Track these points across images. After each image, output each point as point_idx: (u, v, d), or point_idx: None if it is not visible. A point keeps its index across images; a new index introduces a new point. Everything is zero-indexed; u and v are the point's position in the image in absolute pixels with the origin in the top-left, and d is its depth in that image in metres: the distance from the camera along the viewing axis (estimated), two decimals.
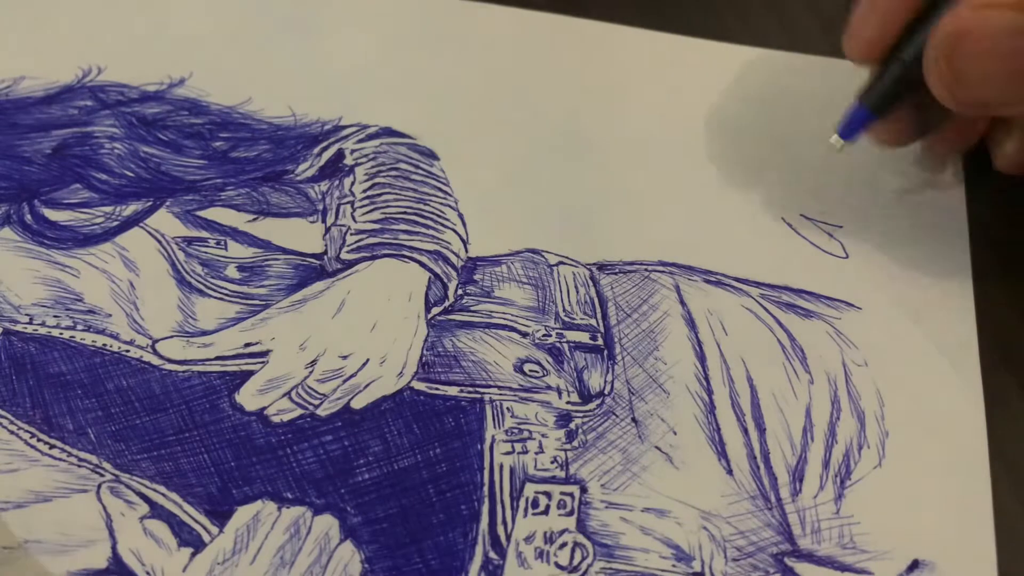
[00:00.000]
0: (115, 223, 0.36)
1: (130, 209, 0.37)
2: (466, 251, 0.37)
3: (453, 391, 0.33)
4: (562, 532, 0.30)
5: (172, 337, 0.33)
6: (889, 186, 0.39)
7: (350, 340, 0.34)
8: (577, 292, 0.36)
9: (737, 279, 0.36)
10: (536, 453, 0.32)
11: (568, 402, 0.33)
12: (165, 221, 0.36)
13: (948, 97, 0.33)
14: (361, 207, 0.37)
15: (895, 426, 0.33)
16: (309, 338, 0.34)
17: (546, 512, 0.31)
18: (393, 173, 0.38)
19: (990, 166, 0.40)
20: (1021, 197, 0.39)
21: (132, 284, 0.35)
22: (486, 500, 0.31)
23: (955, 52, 0.31)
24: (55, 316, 0.34)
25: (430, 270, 0.36)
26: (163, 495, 0.30)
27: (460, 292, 0.35)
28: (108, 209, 0.36)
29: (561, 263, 0.37)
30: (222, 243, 0.36)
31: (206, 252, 0.36)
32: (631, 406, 0.33)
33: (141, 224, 0.36)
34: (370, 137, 0.39)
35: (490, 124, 0.40)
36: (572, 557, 0.30)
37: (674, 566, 0.30)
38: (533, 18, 0.44)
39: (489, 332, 0.34)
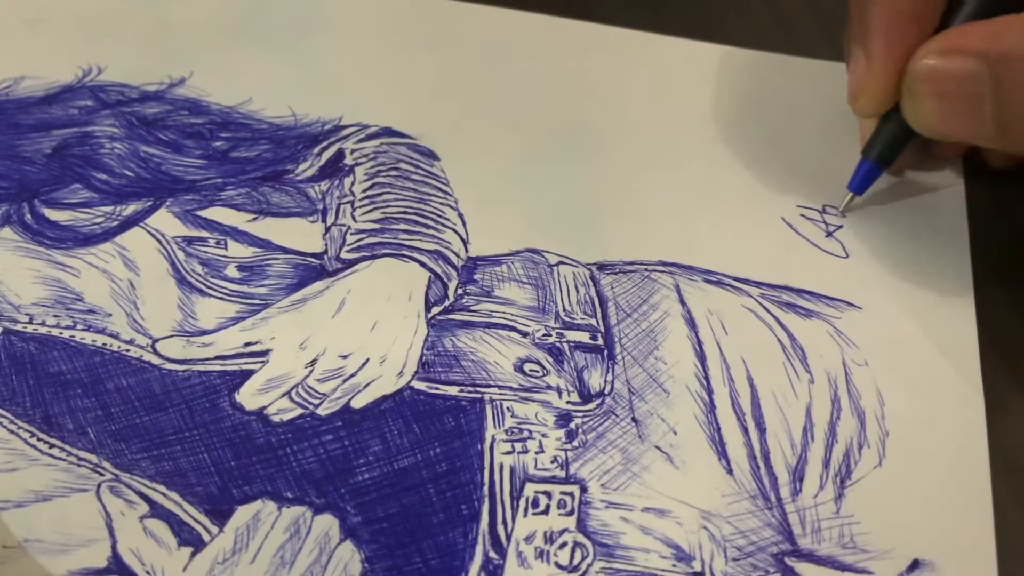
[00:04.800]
0: (115, 223, 0.36)
1: (130, 209, 0.37)
2: (466, 251, 0.37)
3: (453, 391, 0.33)
4: (562, 532, 0.30)
5: (172, 336, 0.33)
6: (889, 186, 0.39)
7: (350, 339, 0.34)
8: (577, 292, 0.36)
9: (737, 279, 0.36)
10: (536, 453, 0.32)
11: (568, 402, 0.33)
12: (165, 221, 0.36)
13: (921, 129, 0.35)
14: (361, 207, 0.37)
15: (895, 426, 0.33)
16: (309, 337, 0.34)
17: (546, 512, 0.31)
18: (393, 173, 0.38)
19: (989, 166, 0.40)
20: (1021, 197, 0.40)
21: (132, 284, 0.35)
22: (486, 500, 0.31)
23: (919, 91, 0.34)
24: (55, 315, 0.34)
25: (430, 269, 0.36)
26: (163, 494, 0.30)
27: (460, 292, 0.35)
28: (108, 209, 0.36)
29: (561, 263, 0.37)
30: (222, 243, 0.36)
31: (206, 252, 0.36)
32: (631, 406, 0.33)
33: (141, 224, 0.36)
34: (370, 137, 0.40)
35: (490, 124, 0.41)
36: (572, 557, 0.30)
37: (674, 566, 0.30)
38: (533, 20, 0.44)
39: (489, 332, 0.34)
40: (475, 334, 0.34)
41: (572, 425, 0.32)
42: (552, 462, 0.32)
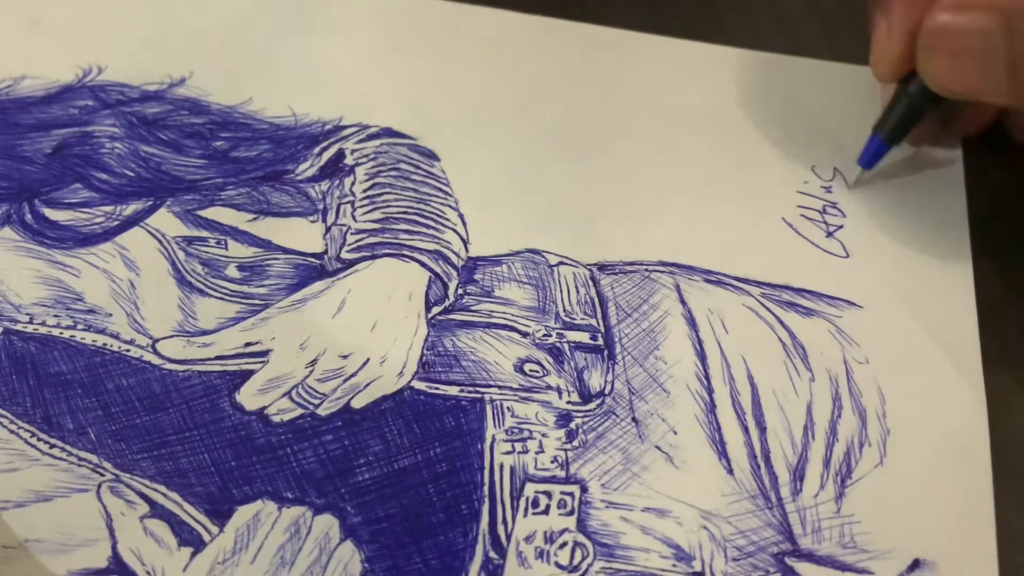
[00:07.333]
0: (115, 223, 0.36)
1: (130, 209, 0.37)
2: (466, 251, 0.37)
3: (453, 391, 0.33)
4: (562, 532, 0.30)
5: (172, 337, 0.33)
6: (889, 185, 0.39)
7: (350, 339, 0.34)
8: (577, 292, 0.36)
9: (737, 279, 0.36)
10: (536, 453, 0.32)
11: (568, 402, 0.33)
12: (165, 221, 0.36)
13: (936, 87, 0.35)
14: (361, 207, 0.37)
15: (896, 424, 0.33)
16: (309, 337, 0.34)
17: (546, 512, 0.31)
18: (393, 173, 0.38)
19: (990, 163, 0.40)
20: (1021, 197, 0.40)
21: (132, 284, 0.35)
22: (486, 500, 0.31)
23: (932, 46, 0.34)
24: (55, 315, 0.34)
25: (430, 270, 0.36)
26: (163, 495, 0.30)
27: (460, 292, 0.35)
28: (108, 209, 0.36)
29: (561, 263, 0.37)
30: (222, 243, 0.36)
31: (206, 252, 0.36)
32: (631, 406, 0.33)
33: (141, 224, 0.36)
34: (371, 137, 0.39)
35: (490, 124, 0.41)
36: (572, 557, 0.30)
37: (674, 566, 0.30)
38: (533, 21, 0.44)
39: (489, 332, 0.34)
40: (475, 334, 0.34)
41: (572, 425, 0.32)
42: (552, 462, 0.32)
